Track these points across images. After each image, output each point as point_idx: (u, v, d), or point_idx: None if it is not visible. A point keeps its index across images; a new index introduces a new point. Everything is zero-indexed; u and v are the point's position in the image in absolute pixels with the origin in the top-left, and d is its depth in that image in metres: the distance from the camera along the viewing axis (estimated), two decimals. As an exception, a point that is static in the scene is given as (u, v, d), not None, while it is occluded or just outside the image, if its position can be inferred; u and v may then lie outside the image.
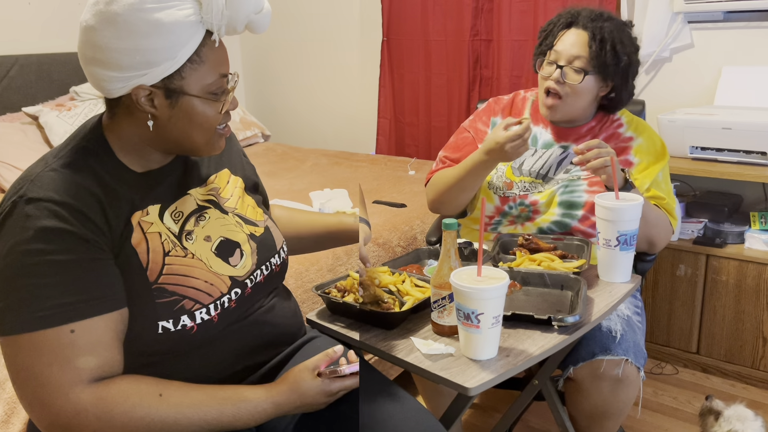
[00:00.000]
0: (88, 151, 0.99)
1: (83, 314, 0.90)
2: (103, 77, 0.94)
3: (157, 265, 0.99)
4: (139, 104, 0.95)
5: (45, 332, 0.88)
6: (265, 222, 1.19)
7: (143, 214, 1.01)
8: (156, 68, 0.92)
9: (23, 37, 3.06)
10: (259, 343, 1.13)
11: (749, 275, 2.22)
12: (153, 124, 0.97)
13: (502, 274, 1.09)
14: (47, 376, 0.88)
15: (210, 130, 1.01)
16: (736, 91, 2.44)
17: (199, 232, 1.06)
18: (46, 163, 0.97)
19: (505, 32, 2.92)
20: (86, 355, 0.90)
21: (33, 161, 1.02)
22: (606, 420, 1.52)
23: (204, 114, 0.99)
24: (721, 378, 2.33)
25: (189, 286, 1.01)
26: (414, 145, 3.38)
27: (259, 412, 0.99)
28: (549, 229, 1.65)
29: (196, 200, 1.09)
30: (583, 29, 1.58)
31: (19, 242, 0.89)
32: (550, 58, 1.61)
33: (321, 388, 1.01)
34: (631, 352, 1.44)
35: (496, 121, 1.76)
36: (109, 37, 0.91)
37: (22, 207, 0.91)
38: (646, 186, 1.61)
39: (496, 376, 1.05)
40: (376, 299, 1.25)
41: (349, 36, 3.59)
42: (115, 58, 0.91)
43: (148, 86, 0.94)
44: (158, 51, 0.91)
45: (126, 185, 1.00)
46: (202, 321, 1.01)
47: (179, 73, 0.94)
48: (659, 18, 2.53)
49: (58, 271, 0.90)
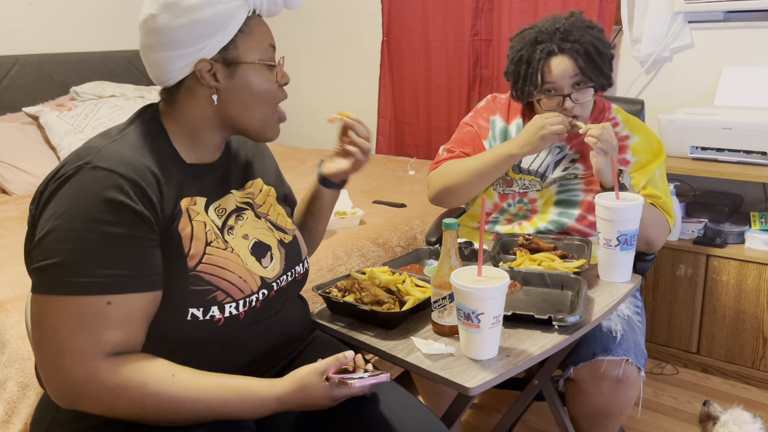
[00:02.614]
0: (148, 133, 1.04)
1: (122, 289, 0.92)
2: (165, 60, 1.00)
3: (198, 253, 1.02)
4: (204, 79, 1.02)
5: (82, 299, 0.90)
6: (293, 231, 1.23)
7: (191, 202, 1.04)
8: (211, 39, 0.99)
9: (23, 37, 3.06)
10: (274, 345, 1.15)
11: (749, 275, 2.22)
12: (217, 98, 1.03)
13: (503, 274, 1.09)
14: (72, 342, 0.90)
15: (268, 102, 1.07)
16: (737, 91, 2.44)
17: (239, 230, 1.11)
18: (111, 138, 1.01)
19: (505, 32, 2.92)
20: (114, 328, 0.92)
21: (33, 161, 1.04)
22: (607, 420, 1.52)
23: (261, 82, 1.06)
24: (721, 378, 2.33)
25: (224, 279, 1.03)
26: (414, 144, 3.39)
27: (264, 406, 0.99)
28: (546, 229, 1.65)
29: (236, 201, 1.14)
30: (561, 54, 1.56)
31: (77, 206, 0.91)
32: (550, 93, 1.59)
33: (327, 392, 1.01)
34: (631, 352, 1.44)
35: (495, 119, 1.77)
36: (167, 18, 0.98)
37: (87, 172, 0.93)
38: (642, 184, 1.61)
39: (497, 376, 1.05)
40: (377, 299, 1.25)
41: (349, 36, 3.59)
42: (175, 35, 0.98)
43: (208, 60, 1.01)
44: (210, 22, 0.98)
45: (178, 171, 1.04)
46: (230, 315, 1.04)
47: (233, 44, 1.02)
48: (659, 18, 2.53)
49: (109, 243, 0.92)
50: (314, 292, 1.32)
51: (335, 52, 3.67)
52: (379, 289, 1.27)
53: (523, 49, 1.61)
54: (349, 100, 3.70)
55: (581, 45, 1.55)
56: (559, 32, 1.57)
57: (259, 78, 1.05)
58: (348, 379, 1.01)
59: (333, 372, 1.02)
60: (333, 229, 2.11)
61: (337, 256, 1.92)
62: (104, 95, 3.02)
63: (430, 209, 2.30)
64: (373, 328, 1.23)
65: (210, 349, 1.05)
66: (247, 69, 1.04)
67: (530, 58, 1.59)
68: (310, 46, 3.73)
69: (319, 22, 3.67)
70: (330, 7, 3.62)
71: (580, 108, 1.59)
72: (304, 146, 3.69)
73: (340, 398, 1.03)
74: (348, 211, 2.20)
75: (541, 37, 1.58)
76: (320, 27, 3.68)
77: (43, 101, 3.00)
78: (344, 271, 1.88)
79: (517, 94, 1.67)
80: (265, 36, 1.07)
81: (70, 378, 0.90)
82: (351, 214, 2.17)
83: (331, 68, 3.72)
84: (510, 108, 1.77)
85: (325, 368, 1.02)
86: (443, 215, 2.10)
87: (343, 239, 2.01)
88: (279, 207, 1.24)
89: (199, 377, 0.97)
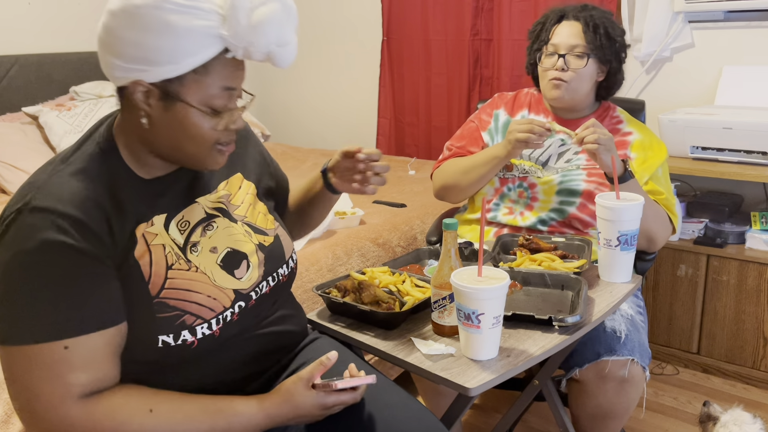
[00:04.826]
0: (97, 156, 0.97)
1: (78, 331, 0.89)
2: (108, 63, 0.93)
3: (160, 279, 0.97)
4: (135, 100, 0.92)
5: (38, 346, 0.87)
6: (275, 230, 1.17)
7: (148, 225, 0.99)
8: (157, 68, 0.89)
9: (23, 37, 3.05)
10: (262, 352, 1.12)
11: (750, 275, 2.22)
12: (147, 123, 0.94)
13: (503, 274, 1.09)
14: (39, 389, 0.88)
15: (203, 144, 0.97)
16: (737, 91, 2.43)
17: (206, 243, 1.04)
18: (54, 169, 0.95)
19: (505, 32, 2.92)
20: (78, 371, 0.89)
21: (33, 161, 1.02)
22: (609, 420, 1.51)
23: (198, 126, 0.94)
24: (721, 378, 2.33)
25: (191, 301, 0.99)
26: (414, 144, 3.38)
27: (252, 425, 0.98)
28: (548, 217, 1.67)
29: (205, 208, 1.07)
30: (574, 20, 1.67)
31: (19, 252, 0.88)
32: (549, 51, 1.67)
33: (316, 400, 1.00)
34: (636, 351, 1.43)
35: (499, 113, 1.81)
36: (122, 25, 0.89)
37: (25, 216, 0.89)
38: (645, 179, 1.62)
39: (497, 376, 1.05)
40: (377, 299, 1.25)
41: (349, 36, 3.59)
42: (121, 46, 0.90)
43: (146, 83, 0.91)
44: (162, 51, 0.88)
45: (133, 193, 0.98)
46: (203, 336, 1.00)
47: (179, 80, 0.91)
48: (660, 18, 2.53)
49: (56, 286, 0.88)
50: (314, 292, 1.31)
51: (335, 52, 3.67)
52: (379, 289, 1.27)
53: (546, 16, 1.73)
54: (349, 100, 3.69)
55: (595, 19, 1.65)
56: (579, 6, 1.69)
57: (195, 121, 0.94)
58: (332, 380, 1.00)
59: (318, 377, 1.01)
60: (333, 229, 2.11)
61: (337, 256, 1.92)
62: (104, 95, 3.01)
63: (430, 209, 2.30)
64: (373, 328, 1.23)
65: (191, 367, 1.02)
66: (184, 108, 0.93)
67: (545, 20, 1.72)
68: (310, 46, 3.73)
69: (319, 22, 3.67)
70: (330, 7, 3.62)
71: (572, 77, 1.64)
72: (304, 146, 3.69)
73: (331, 406, 1.01)
74: (348, 211, 2.20)
75: (565, 9, 1.71)
76: (320, 27, 3.67)
77: (43, 101, 2.99)
78: (344, 271, 1.88)
79: (527, 58, 1.77)
80: (223, 78, 0.94)
81: (45, 426, 0.88)
82: (351, 214, 2.17)
83: (331, 68, 3.71)
84: (515, 102, 1.82)
85: (310, 376, 1.00)
86: (444, 215, 2.09)
87: (343, 239, 2.01)
88: (261, 204, 1.17)
89: (181, 406, 0.95)
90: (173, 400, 0.95)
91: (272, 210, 1.21)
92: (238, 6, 0.89)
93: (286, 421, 1.00)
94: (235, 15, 0.89)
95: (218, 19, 0.90)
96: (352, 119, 3.71)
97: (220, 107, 0.95)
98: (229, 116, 0.97)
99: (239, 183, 1.15)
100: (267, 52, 0.93)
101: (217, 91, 0.94)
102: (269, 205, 1.21)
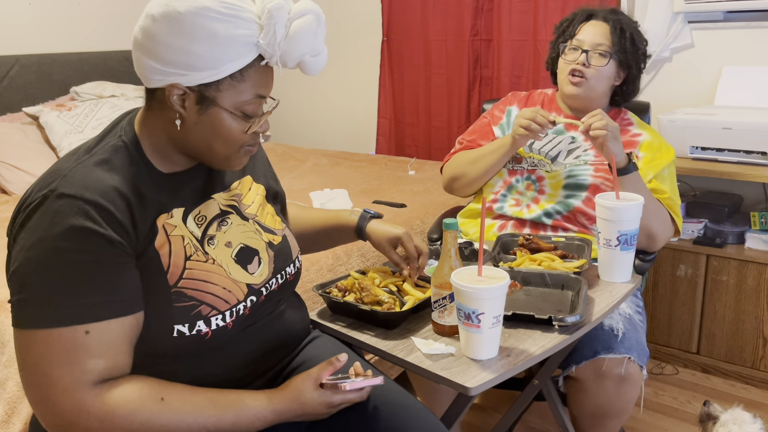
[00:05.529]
0: (120, 148, 0.99)
1: (100, 316, 0.90)
2: (146, 65, 0.95)
3: (178, 269, 0.99)
4: (170, 101, 0.95)
5: (61, 330, 0.88)
6: (283, 231, 1.20)
7: (168, 216, 1.01)
8: (196, 73, 0.93)
9: (23, 37, 3.06)
10: (269, 348, 1.13)
11: (749, 275, 2.22)
12: (180, 125, 0.97)
13: (503, 274, 1.09)
14: (56, 375, 0.88)
15: (232, 146, 1.01)
16: (737, 91, 2.44)
17: (221, 237, 1.07)
18: (79, 159, 0.97)
19: (505, 32, 2.92)
20: (96, 357, 0.90)
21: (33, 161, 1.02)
22: (608, 419, 1.52)
23: (229, 129, 0.99)
24: (721, 378, 2.33)
25: (207, 292, 1.01)
26: (414, 145, 3.38)
27: (259, 419, 0.98)
28: (554, 210, 1.68)
29: (220, 205, 1.10)
30: (603, 21, 1.70)
31: (45, 237, 0.89)
32: (573, 45, 1.70)
33: (322, 399, 1.01)
34: (633, 350, 1.44)
35: (512, 109, 1.84)
36: (163, 30, 0.92)
37: (52, 201, 0.91)
38: (650, 177, 1.63)
39: (497, 376, 1.05)
40: (377, 299, 1.25)
41: (349, 36, 3.59)
42: (162, 51, 0.92)
43: (184, 86, 0.94)
44: (204, 58, 0.92)
45: (154, 185, 1.00)
46: (217, 327, 1.02)
47: (217, 84, 0.95)
48: (659, 18, 2.53)
49: (81, 271, 0.89)
50: (314, 292, 1.32)
51: (335, 52, 3.65)
52: (379, 289, 1.27)
53: (575, 13, 1.76)
54: (349, 101, 3.70)
55: (623, 24, 1.68)
56: (610, 9, 1.73)
57: (228, 124, 0.98)
58: (340, 382, 1.01)
59: (327, 377, 1.02)
60: (333, 229, 2.11)
61: (337, 256, 1.92)
62: (104, 95, 3.02)
63: (430, 209, 2.30)
64: (373, 328, 1.23)
65: (201, 360, 1.03)
66: (219, 112, 0.97)
67: (574, 17, 1.76)
68: (310, 46, 3.73)
69: (319, 22, 3.67)
70: (330, 7, 3.61)
71: (592, 74, 1.66)
72: (304, 146, 3.69)
73: (337, 405, 1.02)
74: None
75: (595, 9, 1.75)
76: (320, 27, 3.67)
77: (43, 101, 3.00)
78: (344, 271, 1.88)
79: (549, 52, 1.81)
80: (257, 86, 0.98)
81: (59, 411, 0.89)
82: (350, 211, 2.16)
83: (331, 68, 3.71)
84: (529, 100, 1.85)
85: (318, 375, 1.02)
86: (444, 214, 2.10)
87: (343, 239, 2.01)
88: (269, 206, 1.21)
89: (191, 397, 0.96)
90: (183, 391, 0.96)
91: (279, 213, 1.24)
92: (276, 17, 0.93)
93: (293, 418, 1.01)
94: (272, 25, 0.93)
95: (256, 29, 0.94)
96: (352, 119, 3.71)
97: (251, 112, 1.00)
98: (258, 121, 1.01)
99: (249, 185, 1.18)
100: (300, 62, 0.99)
101: (250, 97, 0.98)
102: (276, 208, 1.24)
